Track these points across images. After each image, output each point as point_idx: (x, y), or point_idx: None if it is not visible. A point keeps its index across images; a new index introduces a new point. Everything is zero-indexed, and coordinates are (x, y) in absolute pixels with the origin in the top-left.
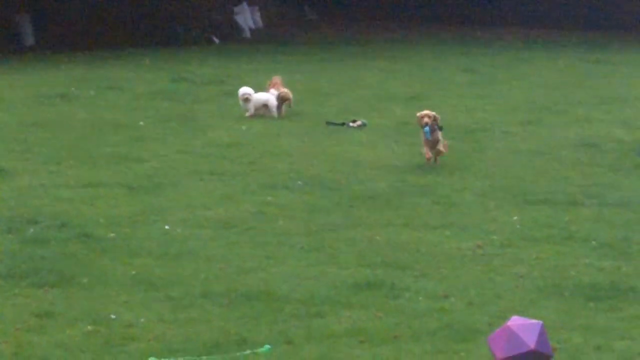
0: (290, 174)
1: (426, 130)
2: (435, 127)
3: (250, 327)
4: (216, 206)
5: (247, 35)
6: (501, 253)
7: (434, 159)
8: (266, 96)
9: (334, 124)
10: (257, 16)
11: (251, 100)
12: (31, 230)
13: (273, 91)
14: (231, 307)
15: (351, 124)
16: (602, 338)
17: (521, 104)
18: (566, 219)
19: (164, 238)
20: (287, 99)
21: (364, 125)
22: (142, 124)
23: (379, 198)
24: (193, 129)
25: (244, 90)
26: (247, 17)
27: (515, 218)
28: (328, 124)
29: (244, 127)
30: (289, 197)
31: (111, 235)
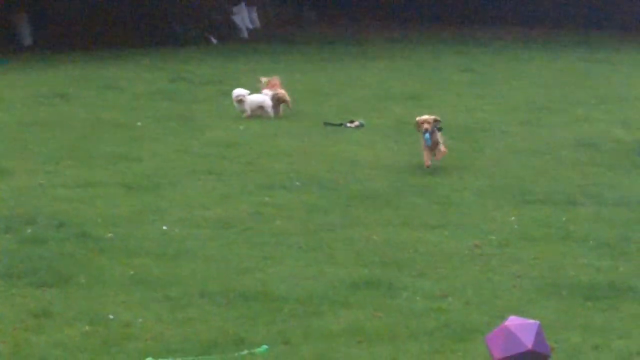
0: (288, 173)
1: (426, 137)
2: (435, 129)
3: (248, 327)
4: (214, 206)
5: (245, 35)
6: (499, 253)
7: (437, 158)
8: (261, 97)
9: (332, 124)
10: (255, 16)
11: (245, 101)
12: (29, 230)
13: (267, 92)
14: (229, 307)
15: (349, 124)
16: (600, 337)
17: (520, 103)
18: (564, 218)
19: (162, 238)
20: (284, 101)
21: (361, 125)
22: (140, 124)
23: (377, 198)
24: (191, 129)
25: (238, 92)
26: (245, 17)
27: (513, 218)
28: (326, 124)
29: (242, 127)
30: (287, 197)
31: (109, 235)
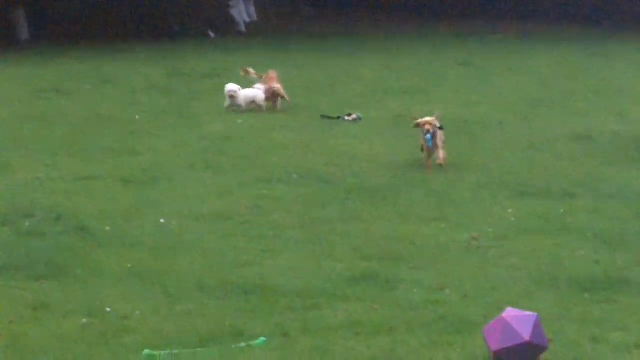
0: (285, 167)
1: (428, 138)
2: (436, 129)
3: (246, 320)
4: (212, 199)
5: (242, 29)
6: (496, 245)
7: (443, 163)
8: (253, 92)
9: (329, 117)
10: (252, 10)
11: (237, 97)
12: (27, 223)
13: (259, 86)
14: (227, 300)
15: (346, 117)
16: (598, 329)
17: (518, 97)
18: (561, 211)
19: (159, 231)
20: (279, 95)
21: (359, 119)
22: (137, 117)
23: (374, 191)
24: (189, 123)
25: (230, 87)
26: (242, 11)
27: (510, 211)
28: (323, 117)
29: (239, 121)
30: (285, 191)
31: (107, 228)
